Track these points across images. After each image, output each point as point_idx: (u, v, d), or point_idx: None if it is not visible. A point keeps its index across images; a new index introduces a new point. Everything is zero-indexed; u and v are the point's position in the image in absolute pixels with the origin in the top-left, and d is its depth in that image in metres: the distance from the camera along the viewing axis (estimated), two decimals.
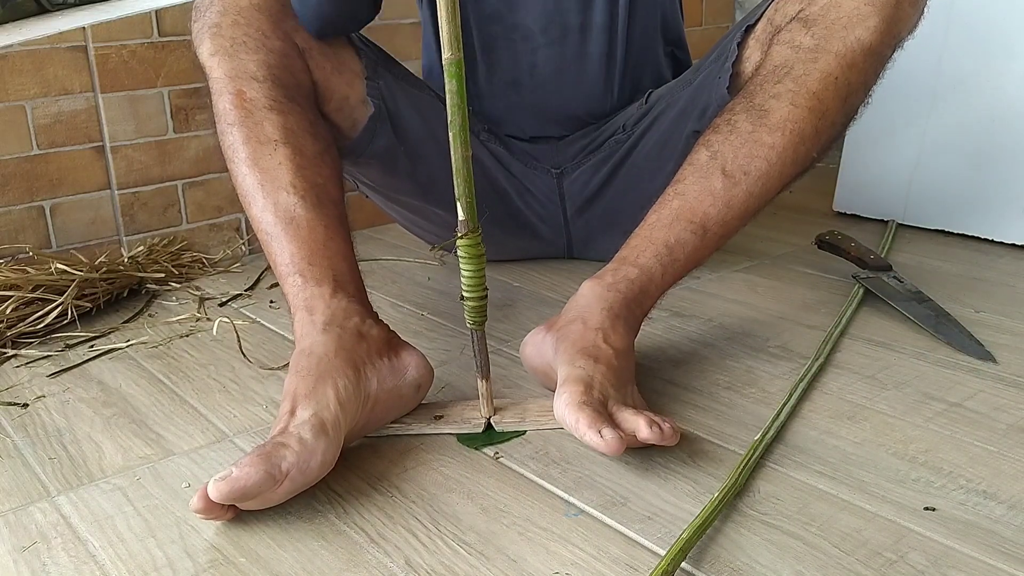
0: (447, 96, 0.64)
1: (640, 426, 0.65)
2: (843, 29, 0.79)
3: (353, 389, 0.69)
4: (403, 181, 1.04)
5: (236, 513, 0.63)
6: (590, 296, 0.78)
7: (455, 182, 0.66)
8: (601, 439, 0.62)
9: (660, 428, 0.65)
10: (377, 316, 0.79)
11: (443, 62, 0.63)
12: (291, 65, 0.85)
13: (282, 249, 0.77)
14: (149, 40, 1.21)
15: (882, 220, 1.39)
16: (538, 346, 0.79)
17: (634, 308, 0.78)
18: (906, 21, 0.81)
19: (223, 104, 0.81)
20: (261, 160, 0.79)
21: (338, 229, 0.80)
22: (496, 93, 1.09)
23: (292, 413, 0.66)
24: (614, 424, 0.65)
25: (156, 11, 1.21)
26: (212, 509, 0.60)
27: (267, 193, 0.78)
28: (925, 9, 0.83)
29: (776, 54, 0.83)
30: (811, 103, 0.79)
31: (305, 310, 0.74)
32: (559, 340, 0.75)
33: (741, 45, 0.91)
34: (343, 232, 0.80)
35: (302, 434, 0.64)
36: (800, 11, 0.83)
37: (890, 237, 1.29)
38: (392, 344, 0.76)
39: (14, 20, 1.22)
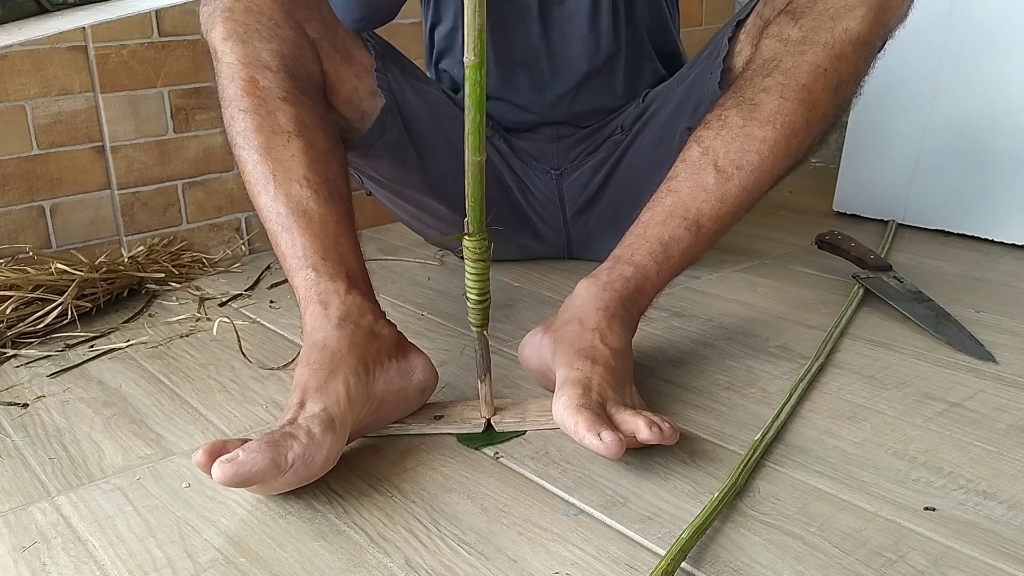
0: (465, 99, 0.63)
1: (640, 427, 0.65)
2: (831, 20, 0.79)
3: (362, 387, 0.69)
4: (411, 174, 1.04)
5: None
6: (585, 296, 0.77)
7: (467, 185, 0.66)
8: (600, 442, 0.62)
9: (660, 428, 0.65)
10: (386, 316, 0.79)
11: (464, 64, 0.63)
12: (303, 56, 0.85)
13: (293, 242, 0.76)
14: (149, 40, 1.21)
15: (882, 220, 1.39)
16: (536, 348, 0.79)
17: (630, 307, 0.78)
18: (895, 10, 0.81)
19: (234, 89, 0.80)
20: (274, 150, 0.78)
21: (348, 226, 0.80)
22: (504, 72, 1.08)
23: (302, 405, 0.66)
24: (613, 426, 0.65)
25: (156, 11, 1.21)
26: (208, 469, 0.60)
27: (279, 184, 0.77)
28: None
29: (765, 48, 0.83)
30: (801, 95, 0.79)
31: (319, 303, 0.74)
32: (556, 341, 0.75)
33: (732, 40, 0.92)
34: (352, 230, 0.80)
35: (311, 427, 0.64)
36: (788, 3, 0.83)
37: (890, 237, 1.29)
38: (401, 345, 0.76)
39: (14, 20, 1.22)
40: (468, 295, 0.71)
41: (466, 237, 0.68)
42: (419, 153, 1.01)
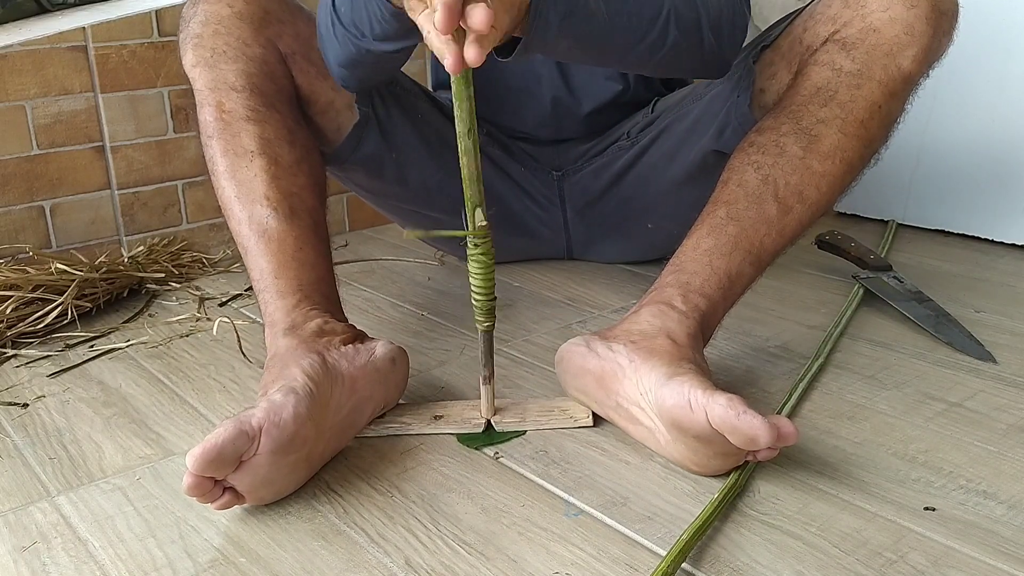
0: (455, 103, 0.63)
1: (783, 422, 0.62)
2: (885, 56, 0.78)
3: (319, 367, 0.69)
4: (391, 186, 1.04)
5: (234, 497, 0.63)
6: (665, 320, 0.74)
7: (465, 188, 0.66)
8: (793, 429, 0.61)
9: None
10: (344, 317, 0.81)
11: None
12: (272, 72, 0.85)
13: (255, 264, 0.80)
14: (149, 40, 1.21)
15: (882, 220, 1.39)
16: (595, 351, 0.75)
17: (702, 338, 0.76)
18: (940, 50, 0.81)
19: (204, 116, 0.83)
20: (238, 172, 0.81)
21: (309, 238, 0.81)
22: (504, 98, 1.08)
23: (264, 396, 0.67)
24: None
25: (156, 11, 1.21)
26: (201, 485, 0.60)
27: (243, 206, 0.81)
28: (955, 36, 0.82)
29: (815, 74, 0.81)
30: (859, 132, 0.78)
31: (269, 324, 0.77)
32: (645, 351, 0.71)
33: (757, 63, 0.89)
34: (314, 240, 0.82)
35: (271, 396, 0.65)
36: (834, 32, 0.81)
37: (890, 237, 1.29)
38: (357, 334, 0.78)
39: (14, 20, 1.22)
40: (473, 294, 0.71)
41: (470, 236, 0.68)
42: (400, 166, 1.01)
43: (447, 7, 0.55)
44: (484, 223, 0.68)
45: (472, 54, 0.58)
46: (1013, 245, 1.26)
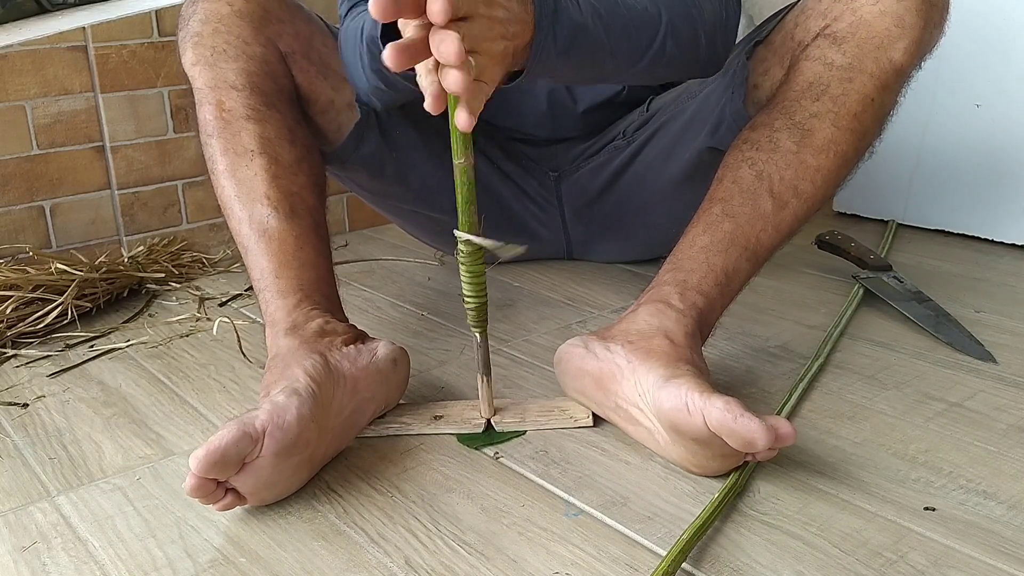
0: (450, 101, 0.63)
1: (780, 423, 0.62)
2: (876, 49, 0.78)
3: (322, 368, 0.69)
4: (392, 186, 1.04)
5: (236, 498, 0.63)
6: (663, 319, 0.74)
7: (456, 188, 0.66)
8: (791, 429, 0.60)
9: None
10: (344, 317, 0.81)
11: None
12: (272, 71, 0.85)
13: (255, 263, 0.80)
14: (149, 40, 1.21)
15: (882, 220, 1.39)
16: (593, 352, 0.74)
17: (700, 337, 0.76)
18: (931, 42, 0.81)
19: (204, 115, 0.83)
20: (238, 171, 0.81)
21: (309, 238, 0.81)
22: (500, 97, 1.08)
23: (267, 397, 0.67)
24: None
25: (156, 11, 1.21)
26: (204, 486, 0.60)
27: (243, 205, 0.81)
28: (946, 28, 0.83)
29: (807, 70, 0.81)
30: (852, 125, 0.79)
31: (270, 324, 0.77)
32: (643, 352, 0.71)
33: (750, 59, 0.89)
34: (315, 240, 0.82)
35: (274, 398, 0.65)
36: (825, 27, 0.81)
37: (890, 237, 1.29)
38: (358, 334, 0.78)
39: (14, 20, 1.22)
40: (464, 297, 0.72)
41: (459, 239, 0.68)
42: (400, 166, 1.01)
43: None
44: (464, 223, 0.68)
45: (463, 120, 0.59)
46: (1013, 245, 1.26)
